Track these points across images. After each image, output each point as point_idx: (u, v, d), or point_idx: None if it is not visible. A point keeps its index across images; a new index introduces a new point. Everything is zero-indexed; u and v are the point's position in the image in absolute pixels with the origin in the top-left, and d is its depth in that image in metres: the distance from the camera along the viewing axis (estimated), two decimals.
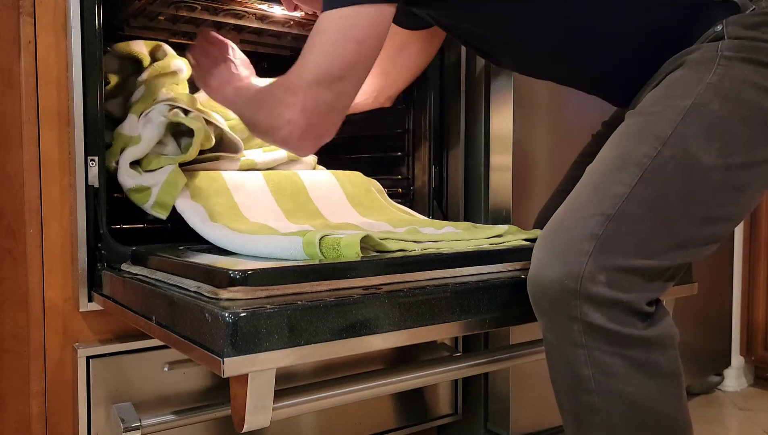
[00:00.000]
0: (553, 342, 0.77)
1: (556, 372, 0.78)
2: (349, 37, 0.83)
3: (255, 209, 1.11)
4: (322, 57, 0.84)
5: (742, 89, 0.80)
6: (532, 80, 1.10)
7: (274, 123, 0.87)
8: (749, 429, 1.71)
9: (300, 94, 0.84)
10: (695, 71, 0.82)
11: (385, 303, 0.72)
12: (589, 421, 0.75)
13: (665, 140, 0.78)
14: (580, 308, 0.73)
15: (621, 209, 0.76)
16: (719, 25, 0.83)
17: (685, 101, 0.80)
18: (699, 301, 1.76)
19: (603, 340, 0.73)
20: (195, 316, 0.67)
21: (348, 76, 0.84)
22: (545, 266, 0.76)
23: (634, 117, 0.84)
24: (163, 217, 1.03)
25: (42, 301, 0.99)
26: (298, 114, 0.85)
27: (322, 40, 0.84)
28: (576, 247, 0.74)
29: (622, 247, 0.75)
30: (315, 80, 0.83)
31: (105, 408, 0.99)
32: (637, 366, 0.73)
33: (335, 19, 0.83)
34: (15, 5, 0.97)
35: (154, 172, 1.06)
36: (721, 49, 0.81)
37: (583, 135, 1.15)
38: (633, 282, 0.74)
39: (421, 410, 1.33)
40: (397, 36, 1.20)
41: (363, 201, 1.25)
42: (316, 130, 0.87)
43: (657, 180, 0.77)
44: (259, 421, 0.68)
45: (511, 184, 1.30)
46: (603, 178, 0.80)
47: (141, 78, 1.18)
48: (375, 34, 0.84)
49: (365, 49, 0.84)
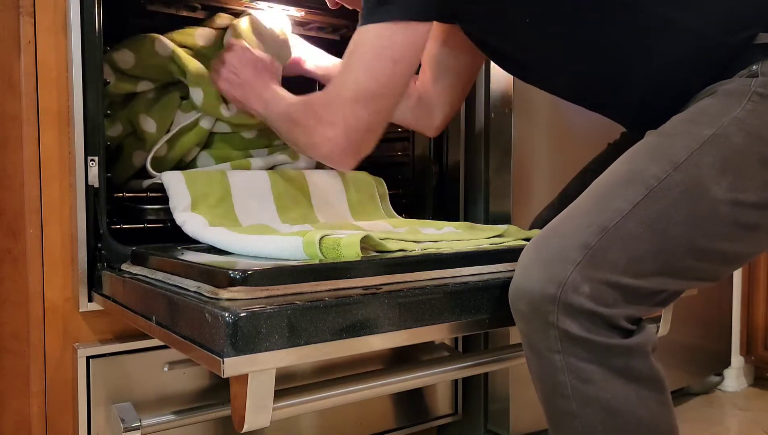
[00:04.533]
0: (530, 346, 0.76)
1: (534, 376, 0.78)
2: (385, 57, 0.84)
3: (255, 220, 1.12)
4: (359, 76, 0.85)
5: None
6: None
7: (316, 141, 0.89)
8: (749, 429, 1.71)
9: (339, 113, 0.86)
10: (724, 102, 0.80)
11: (384, 303, 0.71)
12: (568, 426, 0.74)
13: (678, 165, 0.76)
14: (557, 315, 0.72)
15: (619, 224, 0.74)
16: (755, 65, 0.81)
17: (707, 130, 0.78)
18: (699, 301, 1.77)
19: (579, 347, 0.72)
20: (195, 316, 0.67)
21: (384, 95, 0.86)
22: (530, 269, 0.75)
23: (653, 136, 0.83)
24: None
25: (42, 301, 0.99)
26: (339, 132, 0.86)
27: (359, 60, 0.85)
28: (565, 255, 0.73)
29: (613, 262, 0.73)
30: (353, 98, 0.85)
31: (105, 408, 0.99)
32: (614, 373, 0.72)
33: (371, 38, 0.84)
34: (15, 5, 0.97)
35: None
36: (754, 85, 0.80)
37: (583, 135, 1.15)
38: (617, 298, 0.73)
39: (421, 410, 1.33)
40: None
41: (366, 210, 1.26)
42: (356, 146, 0.88)
43: (661, 202, 0.75)
44: (259, 421, 0.68)
45: (511, 184, 1.30)
46: (607, 190, 0.78)
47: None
48: (411, 54, 0.86)
49: (400, 67, 0.85)
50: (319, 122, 0.88)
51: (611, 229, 0.74)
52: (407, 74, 0.87)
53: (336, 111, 0.86)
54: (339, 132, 0.86)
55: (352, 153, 0.89)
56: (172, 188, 1.08)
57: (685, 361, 1.82)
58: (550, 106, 1.33)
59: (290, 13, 1.31)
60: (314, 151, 0.91)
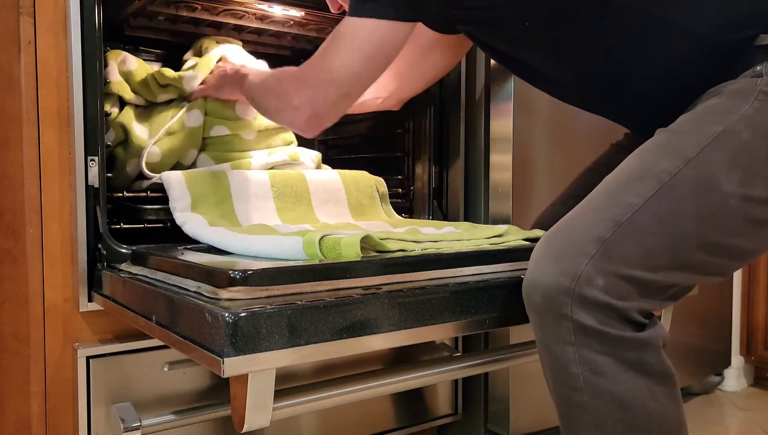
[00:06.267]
0: (543, 339, 0.77)
1: (546, 369, 0.78)
2: (361, 51, 0.90)
3: (255, 220, 1.12)
4: (334, 63, 0.91)
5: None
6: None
7: (283, 107, 0.98)
8: (749, 429, 1.71)
9: (310, 90, 0.93)
10: (732, 101, 0.82)
11: (384, 303, 0.72)
12: (579, 418, 0.75)
13: (689, 160, 0.78)
14: (571, 307, 0.72)
15: (632, 218, 0.75)
16: (759, 65, 0.83)
17: (716, 127, 0.79)
18: (699, 301, 1.77)
19: (592, 339, 0.73)
20: (195, 316, 0.67)
21: (354, 84, 0.92)
22: (543, 262, 0.76)
23: (663, 134, 0.84)
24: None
25: (42, 301, 0.99)
26: (306, 104, 0.94)
27: (336, 49, 0.91)
28: (579, 248, 0.74)
29: (627, 255, 0.74)
30: (326, 80, 0.92)
31: (105, 408, 0.99)
32: (626, 366, 0.73)
33: (351, 31, 0.90)
34: (15, 5, 0.97)
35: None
36: (760, 84, 0.81)
37: (583, 135, 1.15)
38: (630, 291, 0.74)
39: (421, 410, 1.33)
40: (422, 38, 1.18)
41: (366, 210, 1.26)
42: (319, 120, 0.96)
43: (673, 196, 0.76)
44: (259, 421, 0.68)
45: (511, 184, 1.30)
46: (619, 186, 0.79)
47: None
48: (384, 52, 0.91)
49: (373, 63, 0.91)
50: (289, 92, 0.96)
51: (624, 223, 0.75)
52: (380, 68, 0.93)
53: (307, 87, 0.93)
54: (306, 104, 0.93)
55: (315, 124, 0.96)
56: (173, 188, 1.08)
57: (685, 361, 1.82)
58: (550, 106, 1.33)
59: (290, 13, 1.31)
60: (281, 116, 1.01)
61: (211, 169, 1.18)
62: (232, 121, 1.25)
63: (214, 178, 1.12)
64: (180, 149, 1.21)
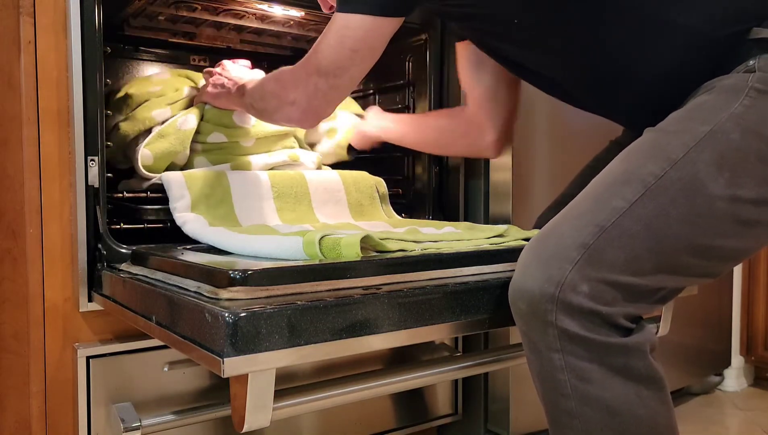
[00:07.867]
0: (530, 345, 0.76)
1: (534, 375, 0.78)
2: (346, 45, 0.93)
3: (255, 221, 1.11)
4: (322, 56, 0.95)
5: (766, 125, 0.78)
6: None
7: (281, 104, 1.02)
8: (749, 429, 1.71)
9: (302, 82, 0.98)
10: (722, 98, 0.81)
11: (384, 303, 0.71)
12: (567, 425, 0.74)
13: (675, 162, 0.77)
14: (555, 314, 0.72)
15: (616, 223, 0.74)
16: (752, 60, 0.81)
17: (704, 127, 0.78)
18: (699, 301, 1.77)
19: (578, 346, 0.72)
20: (195, 316, 0.67)
21: (341, 75, 0.96)
22: (529, 269, 0.75)
23: (650, 134, 0.83)
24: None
25: (42, 301, 0.99)
26: (301, 97, 0.98)
27: (325, 42, 0.95)
28: (563, 254, 0.74)
29: (611, 260, 0.73)
30: (315, 72, 0.96)
31: (105, 408, 0.99)
32: (613, 372, 0.72)
33: (338, 26, 0.93)
34: (15, 5, 0.97)
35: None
36: (752, 80, 0.80)
37: (583, 135, 1.15)
38: (616, 296, 0.73)
39: (421, 410, 1.33)
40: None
41: (366, 210, 1.26)
42: (314, 111, 1.00)
43: (659, 200, 0.75)
44: (259, 421, 0.68)
45: (511, 184, 1.30)
46: (605, 189, 0.79)
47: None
48: (368, 46, 0.94)
49: (359, 56, 0.95)
50: (286, 88, 1.01)
51: (609, 228, 0.74)
52: (366, 61, 0.96)
53: (300, 80, 0.98)
54: (301, 97, 0.98)
55: (311, 115, 1.01)
56: (173, 188, 1.08)
57: (685, 361, 1.82)
58: (550, 106, 1.33)
59: (290, 13, 1.31)
60: (279, 113, 1.04)
61: (211, 170, 1.18)
62: (230, 128, 1.24)
63: (214, 178, 1.12)
64: (172, 153, 1.20)
